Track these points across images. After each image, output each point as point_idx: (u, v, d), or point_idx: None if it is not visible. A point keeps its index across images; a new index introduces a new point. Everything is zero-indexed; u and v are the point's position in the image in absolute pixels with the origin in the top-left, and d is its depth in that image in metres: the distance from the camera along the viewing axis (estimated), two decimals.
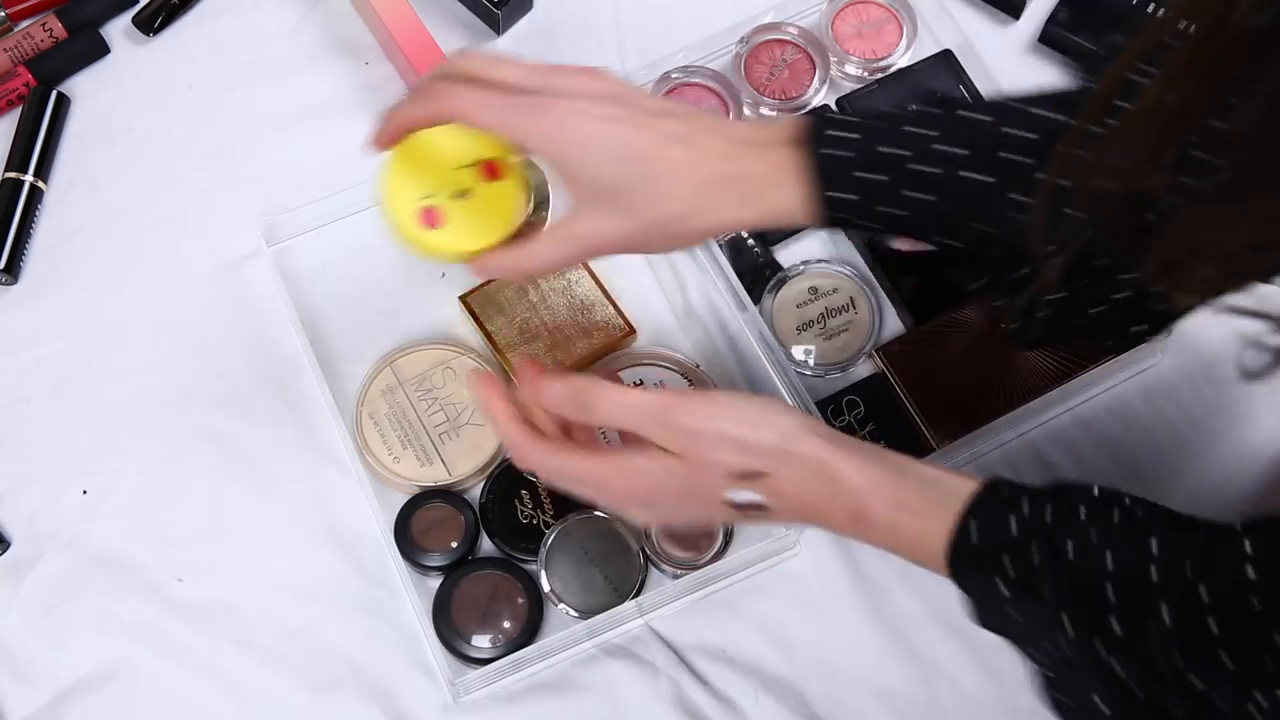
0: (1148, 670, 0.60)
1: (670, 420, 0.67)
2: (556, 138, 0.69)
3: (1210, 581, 0.59)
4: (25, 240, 0.92)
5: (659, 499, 0.69)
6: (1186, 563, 0.60)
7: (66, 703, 0.82)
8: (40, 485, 0.87)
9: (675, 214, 0.69)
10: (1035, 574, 0.63)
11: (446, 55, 0.94)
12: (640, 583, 0.84)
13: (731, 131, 0.71)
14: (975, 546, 0.64)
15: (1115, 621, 0.60)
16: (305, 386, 0.89)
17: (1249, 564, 0.58)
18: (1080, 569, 0.62)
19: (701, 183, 0.69)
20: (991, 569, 0.64)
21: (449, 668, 0.82)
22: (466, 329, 0.91)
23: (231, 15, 1.00)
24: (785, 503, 0.68)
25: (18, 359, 0.90)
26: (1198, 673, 0.59)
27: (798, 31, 0.97)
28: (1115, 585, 0.61)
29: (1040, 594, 0.62)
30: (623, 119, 0.69)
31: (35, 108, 0.94)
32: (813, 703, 0.83)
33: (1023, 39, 0.99)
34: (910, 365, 0.89)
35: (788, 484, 0.67)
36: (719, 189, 0.69)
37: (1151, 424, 0.89)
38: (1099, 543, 0.62)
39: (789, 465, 0.67)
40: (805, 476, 0.67)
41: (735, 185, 0.69)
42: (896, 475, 0.67)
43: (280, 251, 0.93)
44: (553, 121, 0.68)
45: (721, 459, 0.67)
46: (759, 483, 0.67)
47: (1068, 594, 0.62)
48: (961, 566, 0.65)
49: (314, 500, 0.87)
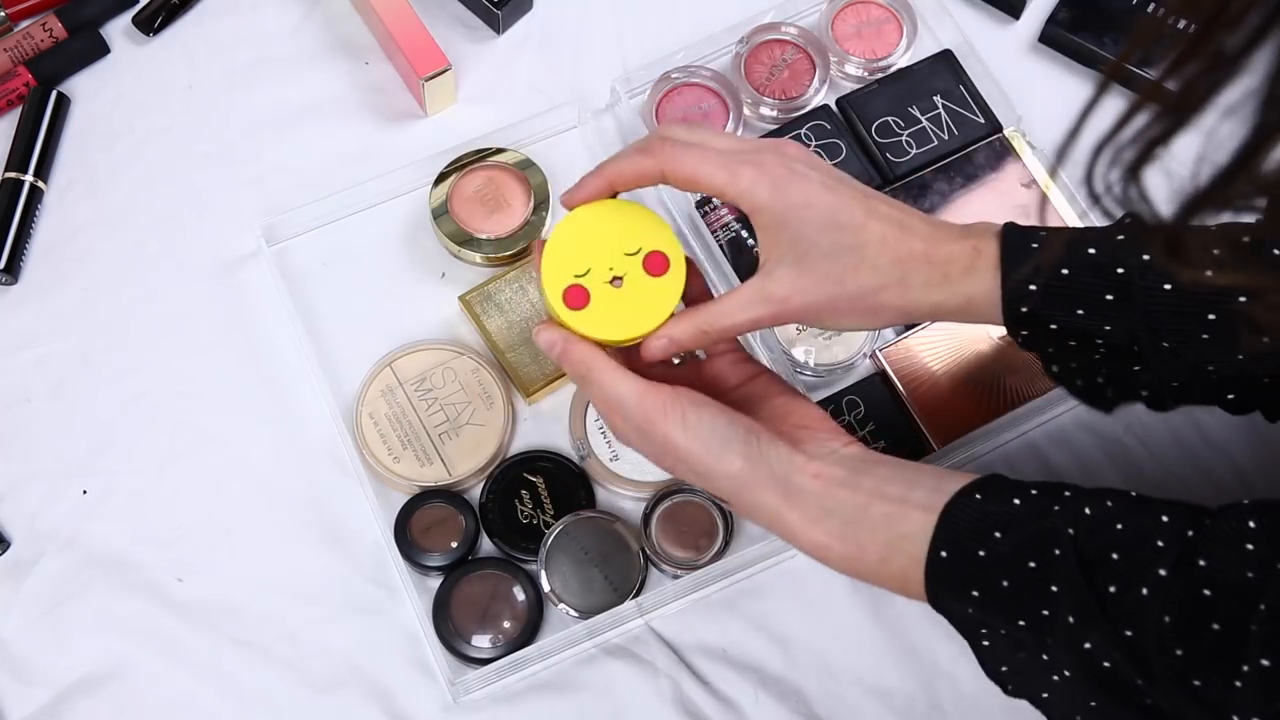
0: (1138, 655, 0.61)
1: (647, 432, 0.70)
2: (775, 196, 0.70)
3: (1210, 550, 0.60)
4: (25, 240, 0.92)
5: (624, 431, 0.72)
6: (1189, 530, 0.61)
7: (66, 703, 0.82)
8: (40, 485, 0.87)
9: (871, 286, 0.70)
10: (1012, 568, 0.64)
11: (448, 56, 0.94)
12: (640, 583, 0.84)
13: (939, 220, 0.73)
14: (948, 577, 0.66)
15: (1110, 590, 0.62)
16: (305, 386, 0.89)
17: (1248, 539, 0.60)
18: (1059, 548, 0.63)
19: (902, 258, 0.70)
20: (970, 584, 0.65)
21: (449, 668, 0.82)
22: (466, 329, 0.91)
23: (231, 15, 1.00)
24: (750, 519, 0.71)
25: (18, 359, 0.90)
26: (1186, 646, 0.60)
27: (797, 31, 0.97)
28: (1118, 547, 0.62)
29: (1024, 591, 0.64)
30: (837, 189, 0.71)
31: (35, 108, 0.94)
32: (812, 702, 0.83)
33: (1023, 39, 0.99)
34: (910, 365, 0.89)
35: (746, 514, 0.72)
36: (917, 267, 0.70)
37: (1152, 424, 0.89)
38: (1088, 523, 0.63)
39: (744, 505, 0.70)
40: (759, 518, 0.71)
41: (933, 267, 0.70)
42: (852, 525, 0.68)
43: (280, 251, 0.93)
44: (770, 180, 0.70)
45: (687, 474, 0.71)
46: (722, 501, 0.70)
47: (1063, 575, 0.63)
48: (941, 597, 0.67)
49: (314, 500, 0.87)
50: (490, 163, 0.93)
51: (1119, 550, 0.62)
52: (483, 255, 0.91)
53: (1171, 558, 0.61)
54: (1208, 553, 0.60)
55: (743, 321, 0.72)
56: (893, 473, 0.69)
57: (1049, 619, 0.64)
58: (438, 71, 0.94)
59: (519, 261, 0.92)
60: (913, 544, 0.66)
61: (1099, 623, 0.62)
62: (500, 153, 0.94)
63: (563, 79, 0.98)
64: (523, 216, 0.92)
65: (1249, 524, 0.60)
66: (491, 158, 0.94)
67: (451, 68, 0.94)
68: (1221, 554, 0.60)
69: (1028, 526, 0.65)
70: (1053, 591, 0.63)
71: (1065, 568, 0.63)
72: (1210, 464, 0.88)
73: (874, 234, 0.70)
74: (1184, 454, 0.88)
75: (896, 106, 0.95)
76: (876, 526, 0.68)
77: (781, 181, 0.70)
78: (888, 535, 0.67)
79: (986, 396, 0.88)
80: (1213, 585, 0.60)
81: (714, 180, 0.71)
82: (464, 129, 0.95)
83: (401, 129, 0.97)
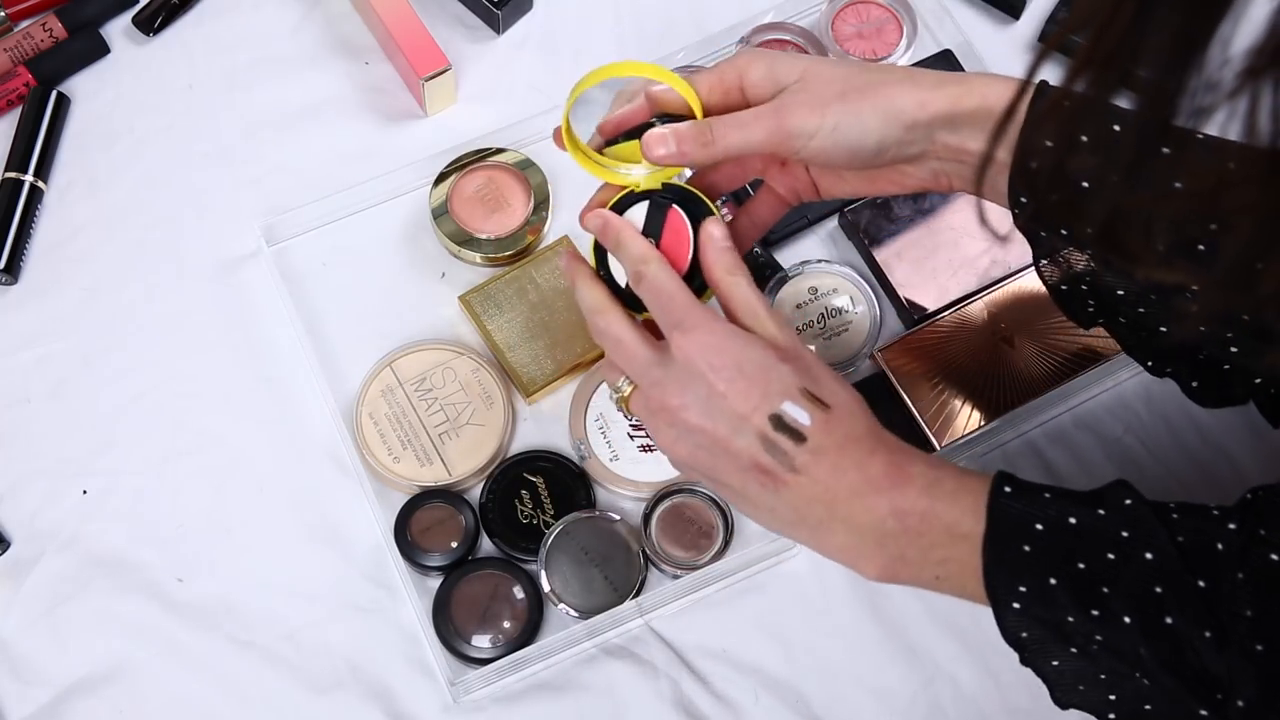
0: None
1: (787, 325, 0.69)
2: (773, 63, 0.72)
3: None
4: (25, 240, 0.92)
5: (720, 372, 0.67)
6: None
7: (66, 703, 0.82)
8: (40, 485, 0.87)
9: (880, 79, 0.71)
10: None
11: (448, 56, 0.94)
12: (640, 583, 0.84)
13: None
14: (1011, 517, 0.65)
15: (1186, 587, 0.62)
16: (305, 386, 0.89)
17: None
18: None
19: (911, 73, 0.72)
20: (1026, 540, 0.65)
21: (449, 668, 0.82)
22: (466, 329, 0.91)
23: (231, 15, 1.00)
24: (828, 440, 0.66)
25: (18, 359, 0.90)
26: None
27: (798, 31, 0.97)
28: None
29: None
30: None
31: (35, 108, 0.94)
32: (813, 702, 0.83)
33: (1023, 39, 0.99)
34: (910, 365, 0.89)
35: (839, 426, 0.67)
36: (926, 74, 0.71)
37: (1152, 424, 0.89)
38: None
39: (848, 413, 0.68)
40: (856, 426, 0.68)
41: (944, 74, 0.72)
42: (934, 463, 0.68)
43: (280, 251, 0.93)
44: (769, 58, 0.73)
45: (802, 372, 0.68)
46: (820, 409, 0.67)
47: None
48: (994, 551, 0.65)
49: (314, 500, 0.87)
50: (490, 163, 0.93)
51: (1181, 513, 0.63)
52: (483, 255, 0.91)
53: (1235, 520, 0.62)
54: (1267, 525, 0.61)
55: (745, 119, 0.71)
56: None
57: (1114, 563, 0.63)
58: (438, 71, 0.94)
59: (519, 261, 0.92)
60: (971, 491, 0.66)
61: (1176, 565, 0.62)
62: (500, 153, 0.94)
63: (563, 79, 0.97)
64: (523, 216, 0.92)
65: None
66: (491, 158, 0.94)
67: (451, 68, 0.94)
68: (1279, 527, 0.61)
69: (1079, 493, 0.66)
70: (1124, 536, 0.63)
71: (1139, 515, 0.63)
72: (1210, 464, 0.88)
73: (874, 65, 0.74)
74: (1184, 454, 0.88)
75: None
76: (932, 472, 0.68)
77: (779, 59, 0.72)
78: (944, 478, 0.67)
79: (986, 396, 0.88)
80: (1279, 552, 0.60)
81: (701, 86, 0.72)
82: (464, 129, 0.95)
83: (401, 129, 0.97)
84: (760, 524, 0.70)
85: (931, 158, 0.72)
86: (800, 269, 0.91)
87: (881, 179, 0.75)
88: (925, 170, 0.73)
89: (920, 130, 0.70)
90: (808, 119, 0.70)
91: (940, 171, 0.73)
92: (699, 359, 0.67)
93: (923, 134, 0.70)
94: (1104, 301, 0.73)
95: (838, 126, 0.70)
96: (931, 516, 0.66)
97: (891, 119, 0.70)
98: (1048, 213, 0.69)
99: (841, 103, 0.70)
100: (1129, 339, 0.74)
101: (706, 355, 0.67)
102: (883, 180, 0.75)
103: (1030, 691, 0.81)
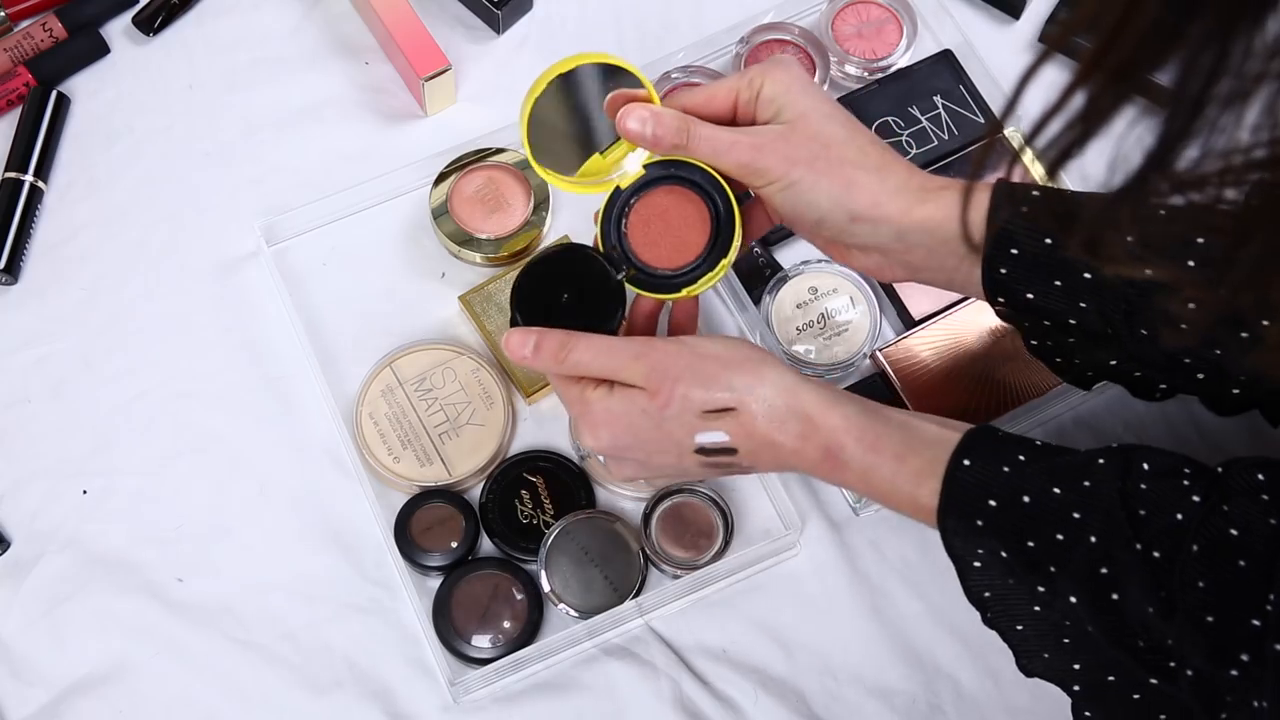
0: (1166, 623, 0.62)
1: (645, 355, 0.70)
2: (783, 87, 0.73)
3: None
4: (25, 240, 0.92)
5: (631, 441, 0.71)
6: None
7: (66, 703, 0.82)
8: (40, 485, 0.87)
9: (853, 159, 0.72)
10: (1033, 519, 0.64)
11: (448, 56, 0.94)
12: (640, 583, 0.84)
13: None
14: (969, 486, 0.66)
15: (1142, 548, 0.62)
16: (305, 386, 0.89)
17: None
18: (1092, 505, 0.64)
19: (887, 162, 0.73)
20: (978, 515, 0.66)
21: (449, 668, 0.82)
22: (466, 329, 0.91)
23: (231, 15, 1.00)
24: (754, 444, 0.70)
25: (18, 359, 0.90)
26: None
27: (798, 31, 0.97)
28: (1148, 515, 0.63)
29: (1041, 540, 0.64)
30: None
31: (35, 108, 0.94)
32: (813, 702, 0.83)
33: (1023, 39, 0.99)
34: (910, 365, 0.89)
35: (756, 419, 0.69)
36: (896, 170, 0.73)
37: (1152, 424, 0.89)
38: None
39: (756, 398, 0.69)
40: (773, 411, 0.69)
41: (912, 176, 0.73)
42: (870, 416, 0.69)
43: (280, 251, 0.93)
44: (783, 77, 0.74)
45: (691, 392, 0.69)
46: (727, 419, 0.69)
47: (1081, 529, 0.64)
48: (949, 522, 0.67)
49: (314, 500, 0.87)
50: (490, 163, 0.93)
51: (1149, 483, 0.63)
52: (483, 255, 0.91)
53: (1201, 492, 0.63)
54: (1229, 499, 0.62)
55: (723, 140, 0.72)
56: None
57: (1062, 544, 0.64)
58: (438, 71, 0.94)
59: (519, 261, 0.92)
60: (932, 449, 0.67)
61: (1127, 542, 0.62)
62: (500, 153, 0.94)
63: None
64: (523, 216, 0.92)
65: (1258, 476, 0.62)
66: (491, 158, 0.94)
67: (451, 68, 0.94)
68: (1242, 501, 0.62)
69: (1054, 457, 0.66)
70: (1074, 518, 0.64)
71: (1097, 493, 0.64)
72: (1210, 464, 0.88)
73: (865, 136, 0.73)
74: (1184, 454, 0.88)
75: (897, 106, 0.95)
76: (891, 425, 0.69)
77: (788, 81, 0.73)
78: (905, 436, 0.68)
79: (986, 396, 0.88)
80: (1238, 526, 0.61)
81: (718, 89, 0.74)
82: (464, 129, 0.95)
83: (401, 129, 0.97)
84: None
85: (876, 252, 0.74)
86: (800, 269, 0.91)
87: (831, 248, 0.76)
88: (871, 260, 0.75)
89: (864, 224, 0.72)
90: (774, 166, 0.72)
91: (883, 263, 0.74)
92: (607, 446, 0.72)
93: (868, 230, 0.72)
94: (1100, 367, 0.74)
95: (793, 185, 0.72)
96: (883, 490, 0.69)
97: (840, 205, 0.72)
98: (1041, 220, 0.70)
99: (809, 168, 0.71)
100: (1140, 391, 0.75)
101: (611, 439, 0.72)
102: (833, 249, 0.76)
103: (1030, 692, 0.81)
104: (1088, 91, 0.49)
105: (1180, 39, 0.45)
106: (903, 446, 0.68)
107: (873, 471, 0.69)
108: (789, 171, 0.71)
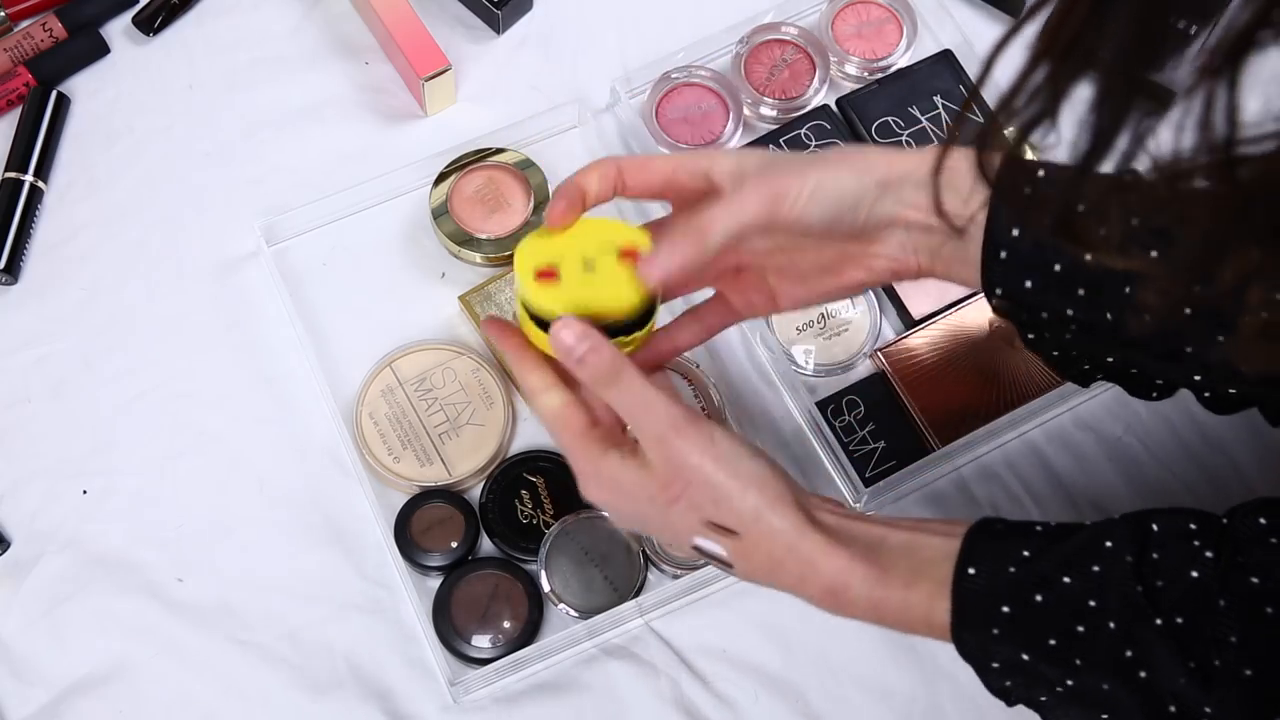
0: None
1: (668, 442, 0.66)
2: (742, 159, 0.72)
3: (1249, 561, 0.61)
4: (25, 240, 0.92)
5: (630, 513, 0.70)
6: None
7: (66, 702, 0.82)
8: (40, 485, 0.87)
9: (850, 185, 0.70)
10: (1043, 616, 0.63)
11: (448, 56, 0.94)
12: (640, 583, 0.84)
13: None
14: (979, 596, 0.65)
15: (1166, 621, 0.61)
16: (305, 386, 0.89)
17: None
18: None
19: (887, 173, 0.71)
20: (993, 624, 0.65)
21: (449, 668, 0.82)
22: (466, 329, 0.91)
23: (231, 15, 1.00)
24: (750, 566, 0.69)
25: (18, 359, 0.90)
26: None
27: (798, 31, 0.97)
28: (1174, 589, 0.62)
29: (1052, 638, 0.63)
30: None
31: (35, 108, 0.94)
32: (813, 702, 0.83)
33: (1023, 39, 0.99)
34: (910, 365, 0.89)
35: (756, 550, 0.68)
36: (903, 177, 0.71)
37: (1152, 424, 0.89)
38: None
39: (760, 533, 0.67)
40: (774, 548, 0.68)
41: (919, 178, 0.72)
42: (875, 549, 0.68)
43: (280, 251, 0.93)
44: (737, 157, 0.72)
45: (700, 501, 0.67)
46: (728, 538, 0.68)
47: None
48: (965, 635, 0.66)
49: (313, 500, 0.87)
50: (490, 163, 0.93)
51: (1161, 550, 0.63)
52: (483, 255, 0.91)
53: (1212, 547, 0.62)
54: (1241, 550, 0.61)
55: (740, 209, 0.68)
56: (895, 518, 0.70)
57: (1083, 635, 0.63)
58: (438, 71, 0.94)
59: None
60: (939, 566, 0.66)
61: (1148, 619, 0.61)
62: (500, 153, 0.94)
63: (563, 79, 0.98)
64: (523, 216, 0.92)
65: (1260, 520, 0.61)
66: (491, 158, 0.94)
67: (451, 68, 0.94)
68: (1254, 550, 0.61)
69: (1060, 542, 0.65)
70: (1090, 606, 0.63)
71: (1109, 576, 0.63)
72: (1210, 464, 0.88)
73: (860, 153, 0.71)
74: (1184, 454, 0.88)
75: (897, 106, 0.95)
76: (896, 552, 0.67)
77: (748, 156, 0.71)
78: (910, 559, 0.67)
79: (986, 396, 0.88)
80: (1258, 574, 0.60)
81: (666, 162, 0.71)
82: (464, 129, 0.95)
83: (401, 129, 0.97)
84: None
85: (900, 225, 0.71)
86: None
87: (850, 265, 0.73)
88: (893, 244, 0.72)
89: (892, 189, 0.70)
90: (791, 183, 0.69)
91: (907, 244, 0.72)
92: (606, 507, 0.72)
93: (893, 194, 0.71)
94: (1097, 362, 0.73)
95: (819, 185, 0.69)
96: (895, 619, 0.68)
97: (864, 174, 0.70)
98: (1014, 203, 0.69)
99: (819, 166, 0.70)
100: (1137, 390, 0.75)
101: (612, 505, 0.71)
102: (851, 266, 0.73)
103: None
104: (1045, 68, 0.50)
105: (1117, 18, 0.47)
106: (910, 573, 0.67)
107: (883, 604, 0.68)
108: (805, 178, 0.69)
